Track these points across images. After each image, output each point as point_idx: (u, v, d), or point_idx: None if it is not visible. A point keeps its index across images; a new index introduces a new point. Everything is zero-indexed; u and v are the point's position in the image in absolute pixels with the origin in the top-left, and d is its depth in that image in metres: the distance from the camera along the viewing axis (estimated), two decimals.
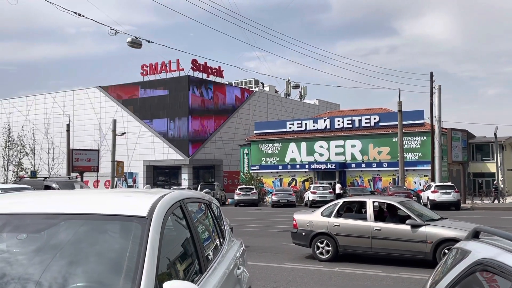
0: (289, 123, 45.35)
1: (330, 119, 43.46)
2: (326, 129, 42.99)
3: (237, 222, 20.02)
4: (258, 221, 22.75)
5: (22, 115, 58.18)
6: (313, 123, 43.98)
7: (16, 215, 2.73)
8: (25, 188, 21.87)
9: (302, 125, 44.31)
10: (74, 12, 15.07)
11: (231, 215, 22.99)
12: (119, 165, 35.94)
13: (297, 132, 44.23)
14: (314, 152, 42.90)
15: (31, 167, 50.09)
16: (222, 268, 3.46)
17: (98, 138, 51.78)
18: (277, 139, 44.68)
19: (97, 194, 3.54)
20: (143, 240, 2.43)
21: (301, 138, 43.64)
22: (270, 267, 10.19)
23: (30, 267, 2.38)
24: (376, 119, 41.39)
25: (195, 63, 50.12)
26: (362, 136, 41.22)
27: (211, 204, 4.28)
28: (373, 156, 40.76)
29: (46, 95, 58.85)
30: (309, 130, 43.78)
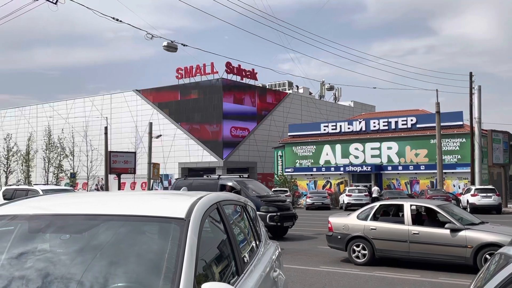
0: (324, 125, 45.05)
1: (366, 121, 42.94)
2: (362, 131, 42.49)
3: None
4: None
5: (62, 118, 59.82)
6: (348, 125, 43.55)
7: (59, 216, 2.79)
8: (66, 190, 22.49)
9: (336, 127, 43.94)
10: (112, 17, 15.39)
11: None
12: (155, 167, 36.50)
13: (332, 134, 43.88)
14: (349, 155, 42.48)
15: (70, 169, 51.47)
16: (259, 271, 3.45)
17: (135, 141, 52.72)
18: (312, 141, 44.45)
19: (135, 196, 3.59)
20: (181, 241, 2.44)
21: (336, 140, 43.27)
22: (305, 270, 10.13)
23: (72, 267, 2.43)
24: (413, 120, 40.66)
25: (229, 66, 50.42)
26: (399, 138, 40.55)
27: (247, 206, 4.27)
28: (410, 159, 40.03)
29: (85, 99, 60.33)
30: (344, 132, 43.37)
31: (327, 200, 36.30)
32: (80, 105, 59.90)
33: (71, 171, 50.82)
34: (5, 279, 2.36)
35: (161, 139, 43.92)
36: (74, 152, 53.12)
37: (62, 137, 54.31)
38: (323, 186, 43.17)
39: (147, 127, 39.23)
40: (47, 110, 62.01)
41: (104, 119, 49.26)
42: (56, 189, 22.36)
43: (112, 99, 57.81)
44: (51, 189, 20.92)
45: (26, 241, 2.72)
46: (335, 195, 40.29)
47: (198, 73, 51.64)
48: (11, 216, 2.82)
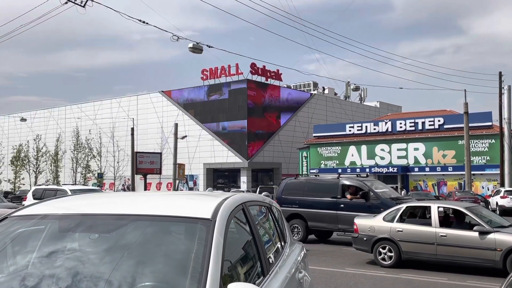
0: (349, 126, 44.71)
1: (392, 121, 42.45)
2: (388, 132, 42.02)
3: None
4: None
5: (90, 119, 60.83)
6: (374, 125, 43.13)
7: (88, 215, 2.84)
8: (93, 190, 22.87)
9: (362, 128, 43.57)
10: (138, 19, 15.59)
11: None
12: (181, 168, 36.79)
13: (357, 135, 43.52)
14: (375, 156, 42.06)
15: (98, 170, 52.34)
16: (284, 272, 3.45)
17: (161, 141, 53.26)
18: (337, 142, 44.17)
19: (162, 196, 3.63)
20: (207, 242, 2.46)
21: (362, 141, 42.90)
22: (330, 271, 10.06)
23: (101, 266, 2.46)
24: (440, 121, 40.03)
25: (253, 67, 50.50)
26: (426, 139, 39.96)
27: (272, 207, 4.27)
28: (438, 160, 39.40)
29: (112, 100, 61.23)
30: (370, 133, 42.96)
31: None
32: (107, 106, 60.81)
33: (99, 171, 51.67)
34: (36, 277, 2.41)
35: (186, 139, 44.25)
36: (101, 152, 54.00)
37: (89, 138, 55.27)
38: None
39: (172, 128, 39.59)
40: (75, 111, 63.16)
41: (130, 120, 49.92)
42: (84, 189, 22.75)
43: (138, 100, 58.52)
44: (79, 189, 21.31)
45: (56, 240, 2.78)
46: None
47: (223, 74, 51.87)
48: (41, 215, 2.89)
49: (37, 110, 68.39)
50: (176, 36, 16.91)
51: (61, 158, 58.09)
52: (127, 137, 45.75)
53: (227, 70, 51.47)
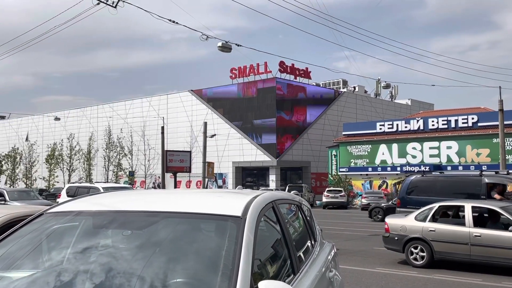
0: (380, 124, 44.15)
1: (424, 119, 41.70)
2: (419, 130, 41.30)
3: (325, 224, 19.83)
4: (347, 224, 22.38)
5: (121, 118, 61.82)
6: (405, 123, 42.46)
7: (121, 212, 2.88)
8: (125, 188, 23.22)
9: (393, 126, 42.95)
10: (168, 19, 15.73)
11: (320, 217, 22.80)
12: (210, 166, 37.00)
13: (388, 133, 42.93)
14: (406, 154, 41.41)
15: (129, 168, 53.18)
16: (314, 270, 3.42)
17: (190, 140, 53.71)
18: (367, 140, 43.67)
19: (193, 194, 3.66)
20: (238, 239, 2.46)
21: (392, 140, 42.29)
22: (361, 271, 9.96)
23: (133, 262, 2.50)
24: (474, 119, 39.11)
25: (282, 65, 50.39)
26: (459, 137, 39.11)
27: (302, 206, 4.25)
28: (471, 158, 38.51)
29: (143, 99, 62.06)
30: (401, 131, 42.31)
31: (383, 200, 35.58)
32: (138, 106, 61.66)
33: (130, 169, 52.50)
34: (70, 273, 2.46)
35: (215, 138, 44.54)
36: (132, 151, 54.83)
37: (121, 137, 56.21)
38: (379, 186, 42.31)
39: (202, 127, 39.87)
40: (107, 110, 64.26)
41: (160, 119, 50.52)
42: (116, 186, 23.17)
43: (168, 99, 59.15)
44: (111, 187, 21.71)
45: (90, 237, 2.83)
46: (391, 195, 39.40)
47: (252, 73, 51.93)
48: (76, 212, 2.94)
49: (70, 109, 69.88)
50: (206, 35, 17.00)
51: (93, 156, 59.25)
52: (158, 135, 46.31)
53: (255, 69, 51.51)
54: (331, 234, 15.98)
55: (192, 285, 2.34)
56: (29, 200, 21.39)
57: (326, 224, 19.82)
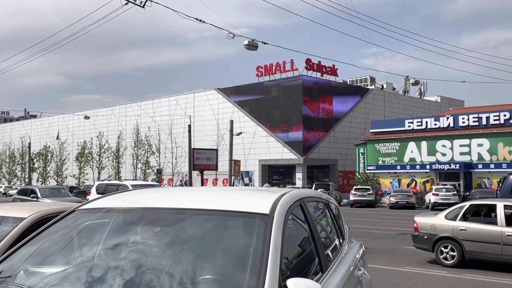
0: (408, 122, 43.53)
1: (454, 116, 40.91)
2: (449, 127, 40.55)
3: (353, 223, 19.64)
4: (375, 223, 22.15)
5: (149, 116, 62.55)
6: (435, 121, 41.75)
7: (151, 209, 2.91)
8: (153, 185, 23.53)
9: (422, 123, 42.31)
10: (195, 18, 15.82)
11: (347, 216, 22.59)
12: (236, 164, 37.15)
13: (417, 131, 42.30)
14: (435, 152, 40.72)
15: (157, 165, 53.82)
16: (343, 269, 3.40)
17: (217, 138, 53.97)
18: (395, 138, 43.11)
19: (220, 192, 3.67)
20: (266, 237, 2.45)
21: (421, 137, 41.64)
22: (389, 270, 9.84)
23: (162, 259, 2.52)
24: (506, 116, 38.18)
25: (309, 63, 50.13)
26: (490, 135, 38.24)
27: (330, 204, 4.22)
28: (503, 156, 37.61)
29: (170, 98, 62.65)
30: (430, 129, 41.62)
31: (412, 199, 35.13)
32: (165, 104, 62.27)
33: (157, 167, 53.12)
34: (101, 269, 2.50)
35: (241, 136, 44.63)
36: (160, 149, 55.47)
37: (149, 135, 56.93)
38: (408, 184, 41.74)
39: (228, 125, 40.02)
40: (135, 109, 65.12)
41: (187, 117, 50.95)
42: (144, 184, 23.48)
43: (195, 98, 59.56)
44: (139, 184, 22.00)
45: (120, 233, 2.86)
46: (421, 194, 38.85)
47: (278, 71, 51.84)
48: (106, 209, 2.99)
49: (99, 108, 71.05)
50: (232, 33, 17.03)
51: (122, 154, 60.17)
52: (184, 134, 46.70)
53: (282, 67, 51.39)
54: (359, 233, 15.84)
55: (220, 282, 2.35)
56: (60, 197, 21.83)
57: (354, 223, 19.65)
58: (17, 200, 21.98)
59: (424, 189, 40.19)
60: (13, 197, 25.01)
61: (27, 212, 4.28)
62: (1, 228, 4.13)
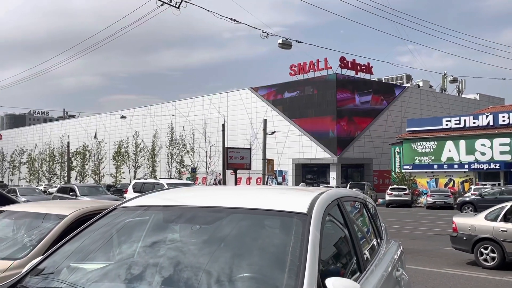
0: (446, 120, 42.57)
1: (494, 114, 39.77)
2: (489, 126, 39.44)
3: (389, 223, 19.33)
4: (411, 223, 21.77)
5: (183, 116, 63.25)
6: (474, 119, 40.68)
7: (188, 207, 2.94)
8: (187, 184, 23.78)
9: (460, 122, 41.29)
10: (229, 18, 15.90)
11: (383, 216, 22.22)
12: (270, 163, 37.16)
13: (455, 130, 41.31)
14: (474, 151, 39.68)
15: (191, 164, 54.39)
16: (381, 269, 3.36)
17: (250, 137, 54.10)
18: (432, 137, 42.23)
19: (257, 190, 3.67)
20: (304, 236, 2.44)
21: (460, 136, 40.65)
22: (427, 271, 9.65)
23: (200, 257, 2.54)
24: None
25: (343, 61, 49.66)
26: None
27: (367, 203, 4.18)
28: None
29: (204, 97, 63.19)
30: (469, 127, 40.58)
31: (449, 199, 34.36)
32: (199, 104, 62.83)
33: (192, 166, 53.68)
34: (141, 266, 2.54)
35: (275, 135, 44.59)
36: (194, 148, 56.03)
37: (183, 134, 57.61)
38: (445, 184, 40.82)
39: (261, 124, 40.07)
40: (169, 109, 65.97)
41: (221, 117, 51.28)
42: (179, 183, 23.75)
43: (228, 97, 59.88)
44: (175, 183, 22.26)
45: (159, 231, 2.91)
46: (459, 194, 37.93)
47: (312, 69, 51.55)
48: (146, 207, 3.04)
49: (135, 108, 72.30)
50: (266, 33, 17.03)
51: (157, 153, 61.09)
52: (218, 133, 47.01)
53: (315, 65, 51.08)
54: (395, 233, 15.59)
55: (258, 280, 2.35)
56: (98, 195, 22.28)
57: (390, 223, 19.35)
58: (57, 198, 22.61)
59: (463, 189, 39.24)
60: (53, 195, 25.73)
61: (69, 210, 4.40)
62: (44, 225, 4.26)
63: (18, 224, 4.57)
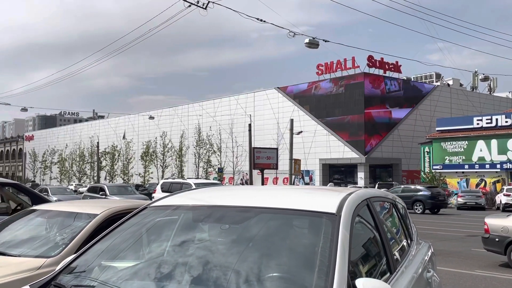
0: (477, 119, 41.71)
1: None
2: None
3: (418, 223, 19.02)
4: (442, 224, 21.41)
5: (210, 116, 63.64)
6: (506, 118, 39.76)
7: (217, 207, 2.96)
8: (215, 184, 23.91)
9: (492, 121, 40.39)
10: (256, 18, 15.91)
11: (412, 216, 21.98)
12: (296, 163, 37.00)
13: (486, 129, 40.43)
14: (507, 151, 38.76)
15: (218, 164, 54.69)
16: (411, 270, 3.32)
17: (277, 137, 54.07)
18: (463, 136, 41.43)
19: (285, 190, 3.67)
20: (333, 236, 2.42)
21: (491, 135, 39.77)
22: (458, 273, 9.47)
23: (229, 256, 2.55)
24: None
25: (371, 60, 49.15)
26: None
27: (396, 204, 4.12)
28: None
29: (230, 97, 63.44)
30: (501, 126, 39.67)
31: (481, 200, 33.64)
32: (226, 104, 63.11)
33: (219, 166, 53.97)
34: (170, 265, 2.56)
35: (302, 135, 44.39)
36: (221, 148, 56.32)
37: (210, 134, 57.96)
38: (477, 184, 40.00)
39: (288, 124, 39.96)
40: (197, 109, 66.47)
41: (247, 117, 51.40)
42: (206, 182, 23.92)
43: (255, 97, 59.96)
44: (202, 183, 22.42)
45: (188, 230, 2.93)
46: (490, 194, 37.09)
47: (339, 68, 51.19)
48: (175, 206, 3.07)
49: (163, 108, 73.07)
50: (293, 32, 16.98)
51: (184, 153, 61.64)
52: (245, 133, 47.14)
53: (343, 64, 50.70)
54: (425, 234, 15.33)
55: (288, 280, 2.35)
56: (127, 195, 22.57)
57: (419, 224, 19.05)
58: (87, 197, 23.03)
59: (494, 189, 38.37)
60: (84, 195, 26.22)
61: (99, 209, 4.47)
62: (76, 224, 4.34)
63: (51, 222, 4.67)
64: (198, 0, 14.40)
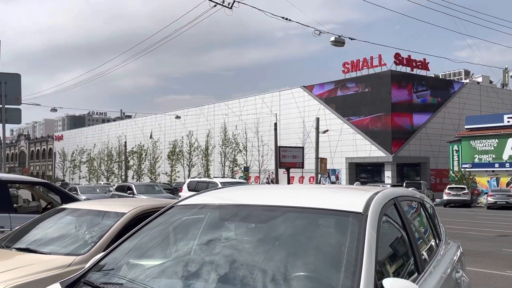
0: (508, 117, 40.73)
1: None
2: None
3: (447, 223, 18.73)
4: (471, 224, 21.01)
5: (236, 115, 63.79)
6: None
7: (243, 206, 2.97)
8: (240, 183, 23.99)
9: None
10: (281, 17, 15.89)
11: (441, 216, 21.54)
12: (322, 162, 36.86)
13: None
14: None
15: (244, 163, 54.82)
16: (440, 270, 3.28)
17: (302, 136, 53.86)
18: (493, 134, 40.52)
19: (311, 189, 3.66)
20: (360, 236, 2.41)
21: None
22: (488, 273, 9.28)
23: (255, 255, 2.56)
24: None
25: (398, 57, 48.50)
26: None
27: (424, 203, 4.08)
28: None
29: (256, 96, 63.47)
30: None
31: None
32: (252, 103, 63.16)
33: (245, 165, 54.09)
34: (197, 264, 2.58)
35: (328, 134, 44.13)
36: (247, 147, 56.44)
37: (236, 133, 58.13)
38: (508, 183, 39.07)
39: (314, 122, 39.81)
40: (222, 108, 66.73)
41: (273, 116, 51.37)
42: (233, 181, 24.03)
43: (280, 96, 59.84)
44: (228, 182, 22.54)
45: (214, 229, 2.95)
46: None
47: (365, 67, 50.64)
48: (202, 205, 3.10)
49: (189, 108, 73.57)
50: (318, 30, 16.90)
51: (211, 152, 61.98)
52: (271, 132, 47.11)
53: (369, 62, 50.15)
54: (454, 234, 15.07)
55: (314, 279, 2.34)
56: (154, 194, 22.83)
57: (448, 223, 18.74)
58: (115, 196, 23.40)
59: None
60: (112, 193, 26.64)
61: (127, 208, 4.54)
62: (104, 222, 4.42)
63: (80, 221, 4.76)
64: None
